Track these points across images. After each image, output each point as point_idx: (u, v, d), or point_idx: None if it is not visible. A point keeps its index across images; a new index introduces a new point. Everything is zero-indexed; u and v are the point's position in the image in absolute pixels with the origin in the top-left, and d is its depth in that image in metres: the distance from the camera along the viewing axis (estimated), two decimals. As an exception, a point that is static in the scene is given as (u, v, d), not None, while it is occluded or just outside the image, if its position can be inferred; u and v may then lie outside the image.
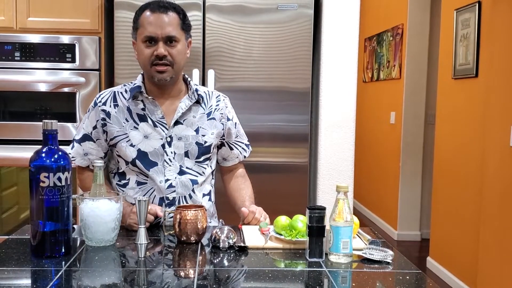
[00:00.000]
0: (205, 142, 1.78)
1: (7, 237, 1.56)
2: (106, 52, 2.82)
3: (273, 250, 1.49)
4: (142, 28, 1.69)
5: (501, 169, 2.96)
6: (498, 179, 2.99)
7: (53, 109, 2.76)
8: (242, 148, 1.94)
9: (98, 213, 1.45)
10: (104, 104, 1.77)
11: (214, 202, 1.92)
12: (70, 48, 2.73)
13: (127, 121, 1.75)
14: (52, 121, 1.38)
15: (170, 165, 1.75)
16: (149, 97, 1.74)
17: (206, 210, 1.78)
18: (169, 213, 1.66)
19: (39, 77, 2.74)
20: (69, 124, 2.74)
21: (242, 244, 1.48)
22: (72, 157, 1.79)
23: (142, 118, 1.75)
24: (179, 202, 1.76)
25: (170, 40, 1.68)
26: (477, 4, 3.32)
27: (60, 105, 2.77)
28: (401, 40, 4.79)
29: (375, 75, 5.62)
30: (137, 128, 1.74)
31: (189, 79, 1.83)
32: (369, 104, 5.74)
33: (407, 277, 1.32)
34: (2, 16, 2.73)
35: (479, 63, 3.32)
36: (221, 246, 1.46)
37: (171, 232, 1.56)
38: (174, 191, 1.75)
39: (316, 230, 1.38)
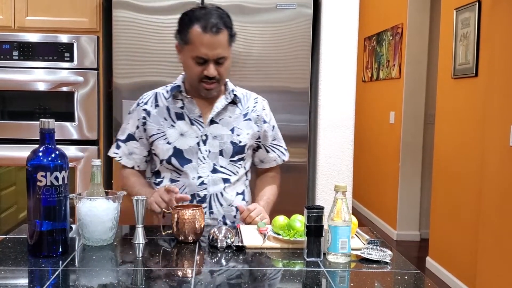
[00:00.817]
0: (240, 141, 1.80)
1: (4, 236, 1.56)
2: (105, 51, 2.81)
3: (271, 250, 1.48)
4: (193, 46, 1.69)
5: (500, 169, 2.95)
6: (497, 179, 2.98)
7: (52, 108, 2.75)
8: (281, 151, 1.95)
9: (96, 212, 1.45)
10: (146, 104, 1.83)
11: (250, 203, 1.91)
12: (69, 47, 2.72)
13: (165, 120, 1.79)
14: (49, 120, 1.38)
15: (203, 163, 1.77)
16: (188, 96, 1.78)
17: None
18: (167, 213, 1.65)
19: (38, 76, 2.73)
20: (67, 124, 2.73)
21: (240, 244, 1.48)
22: (119, 157, 1.85)
23: (180, 117, 1.79)
24: (210, 200, 1.78)
25: (219, 58, 1.70)
26: (477, 4, 3.31)
27: (59, 104, 2.76)
28: (401, 40, 4.79)
29: (374, 75, 5.61)
30: (174, 126, 1.78)
31: (227, 80, 1.85)
32: (368, 103, 5.74)
33: (406, 277, 1.31)
34: (0, 15, 2.72)
35: (479, 62, 3.32)
36: (219, 245, 1.46)
37: (169, 232, 1.56)
38: (205, 188, 1.77)
39: (314, 230, 1.38)
